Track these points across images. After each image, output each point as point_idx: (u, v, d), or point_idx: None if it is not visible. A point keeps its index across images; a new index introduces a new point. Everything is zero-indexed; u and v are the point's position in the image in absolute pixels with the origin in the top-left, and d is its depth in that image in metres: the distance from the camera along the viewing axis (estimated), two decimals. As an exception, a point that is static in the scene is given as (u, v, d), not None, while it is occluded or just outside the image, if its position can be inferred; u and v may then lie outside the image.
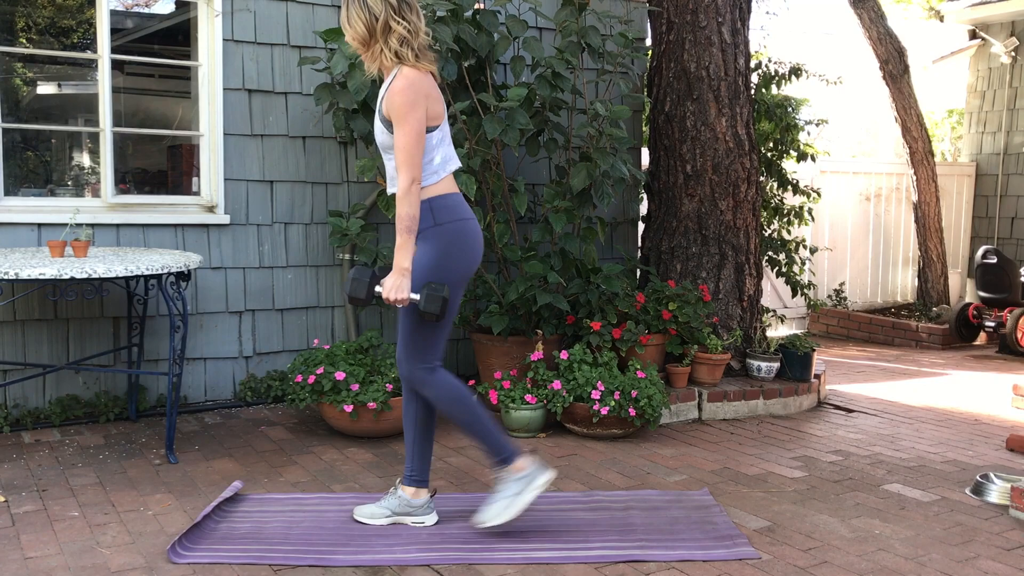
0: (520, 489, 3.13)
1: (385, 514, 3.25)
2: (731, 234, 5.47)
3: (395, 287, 2.96)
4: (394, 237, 3.17)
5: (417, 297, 2.99)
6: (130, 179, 7.83)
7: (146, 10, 8.17)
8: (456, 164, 3.15)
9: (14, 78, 8.23)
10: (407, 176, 2.94)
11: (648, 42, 5.99)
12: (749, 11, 5.62)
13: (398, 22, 2.97)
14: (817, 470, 4.10)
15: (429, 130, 3.01)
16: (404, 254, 2.96)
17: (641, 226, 6.10)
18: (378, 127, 3.07)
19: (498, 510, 3.14)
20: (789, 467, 4.13)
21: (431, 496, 3.29)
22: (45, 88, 8.34)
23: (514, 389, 4.51)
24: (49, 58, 8.18)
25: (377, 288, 3.02)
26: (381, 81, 3.06)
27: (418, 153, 2.95)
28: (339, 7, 5.04)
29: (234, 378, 4.99)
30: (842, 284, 8.99)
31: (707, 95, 5.42)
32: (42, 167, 8.14)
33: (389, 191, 3.16)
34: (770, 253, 6.48)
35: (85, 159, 8.33)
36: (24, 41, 7.56)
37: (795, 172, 7.05)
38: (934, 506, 3.64)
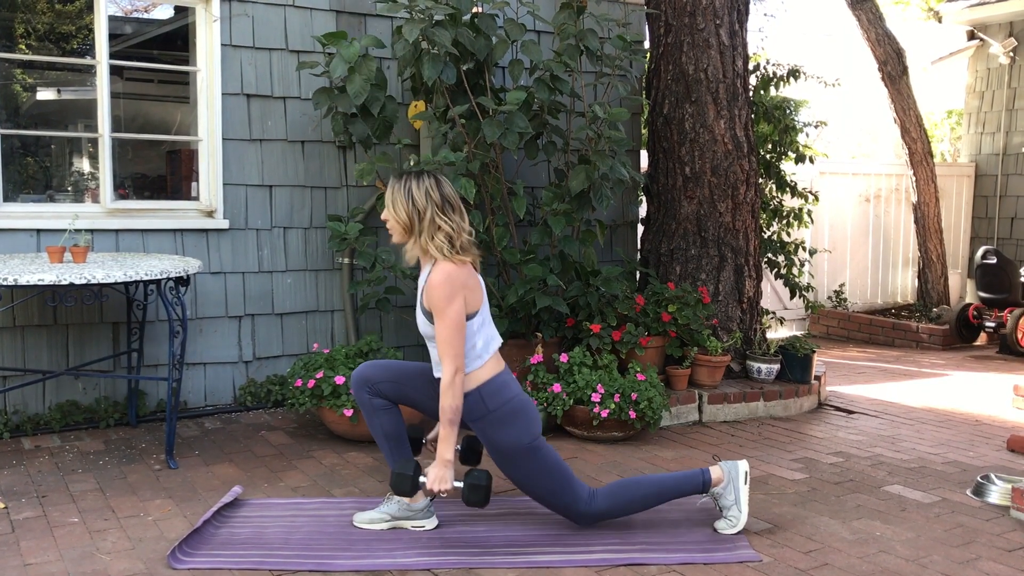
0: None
1: (385, 519, 3.25)
2: (730, 236, 5.47)
3: (439, 479, 3.02)
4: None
5: (460, 486, 3.04)
6: (129, 184, 7.83)
7: (145, 16, 8.18)
8: (498, 343, 3.18)
9: (13, 84, 8.24)
10: (451, 367, 2.98)
11: (646, 44, 5.99)
12: (747, 13, 5.62)
13: (444, 221, 3.03)
14: (818, 472, 4.09)
15: (469, 317, 3.05)
16: (447, 446, 3.01)
17: (640, 228, 6.10)
18: (420, 317, 3.12)
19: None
20: (790, 469, 4.13)
21: (431, 500, 3.29)
22: (44, 94, 8.34)
23: (514, 392, 4.51)
24: (48, 64, 8.19)
25: (421, 478, 3.08)
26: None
27: (460, 343, 2.99)
28: (337, 11, 5.07)
29: (234, 383, 4.99)
30: (842, 285, 8.98)
31: (705, 97, 5.42)
32: (41, 173, 8.14)
33: (435, 375, 3.17)
34: (769, 255, 6.48)
35: (84, 164, 8.34)
36: (23, 47, 7.57)
37: (794, 174, 7.05)
38: (935, 507, 3.63)
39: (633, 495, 3.24)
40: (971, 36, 9.72)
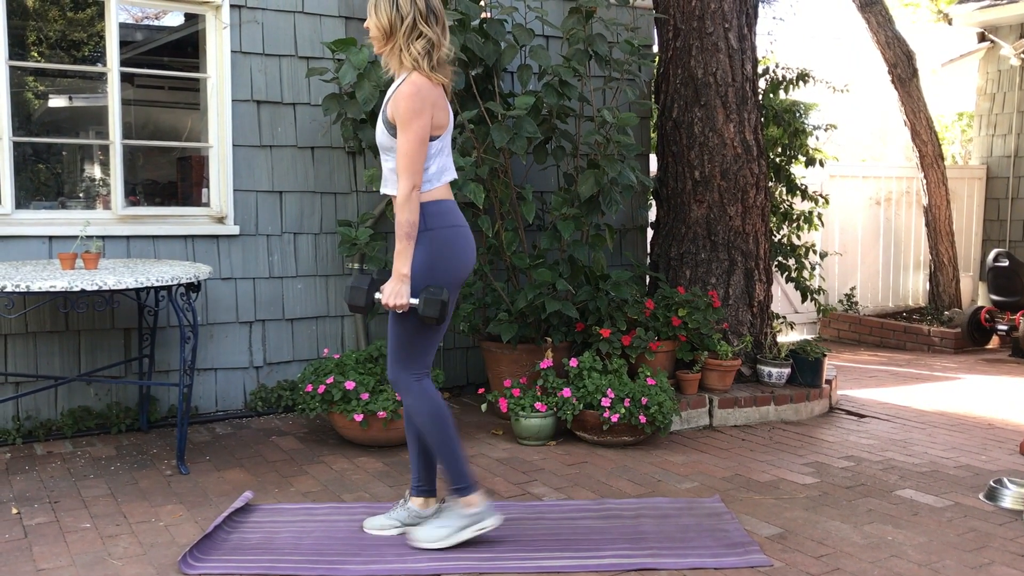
0: (465, 525, 3.12)
1: (395, 525, 3.24)
2: (740, 240, 5.46)
3: (394, 293, 2.96)
4: None
5: (416, 302, 2.99)
6: (140, 191, 7.88)
7: (155, 23, 8.23)
8: (452, 176, 3.14)
9: (25, 92, 8.29)
10: (407, 182, 2.94)
11: (655, 49, 5.99)
12: (756, 17, 5.62)
13: (424, 29, 2.97)
14: (829, 476, 4.08)
15: (431, 139, 3.01)
16: (403, 260, 2.96)
17: (650, 233, 6.10)
18: (380, 128, 3.06)
19: (437, 536, 3.11)
20: (801, 473, 4.11)
21: (440, 505, 3.29)
22: (56, 101, 8.40)
23: (524, 397, 4.51)
24: (59, 71, 8.24)
25: (376, 294, 3.03)
26: (389, 85, 3.06)
27: (420, 160, 2.94)
28: (347, 17, 5.09)
29: (244, 388, 5.00)
30: (853, 289, 8.95)
31: (715, 101, 5.42)
32: (53, 180, 8.19)
33: (383, 191, 3.15)
34: (780, 258, 6.47)
35: (95, 171, 8.38)
36: (35, 55, 7.62)
37: (804, 177, 7.03)
38: (947, 512, 3.61)
39: (436, 424, 3.08)
40: (982, 38, 9.68)
